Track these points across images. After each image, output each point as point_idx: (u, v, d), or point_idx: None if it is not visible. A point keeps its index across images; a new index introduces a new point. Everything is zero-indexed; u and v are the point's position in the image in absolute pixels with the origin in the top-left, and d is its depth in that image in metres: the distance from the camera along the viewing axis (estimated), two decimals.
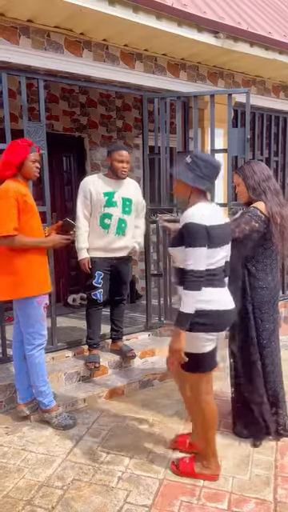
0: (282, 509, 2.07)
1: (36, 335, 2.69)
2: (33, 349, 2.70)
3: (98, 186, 3.31)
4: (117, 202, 3.33)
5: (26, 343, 2.72)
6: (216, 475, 2.27)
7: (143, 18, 3.17)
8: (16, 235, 2.51)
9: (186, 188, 2.13)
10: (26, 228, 2.57)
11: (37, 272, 2.65)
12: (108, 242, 3.32)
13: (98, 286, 3.34)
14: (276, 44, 3.91)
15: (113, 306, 3.64)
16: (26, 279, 2.60)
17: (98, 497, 2.16)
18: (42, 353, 2.76)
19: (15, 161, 2.58)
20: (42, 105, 3.35)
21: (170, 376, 3.53)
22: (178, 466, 2.32)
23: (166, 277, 4.14)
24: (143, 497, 2.16)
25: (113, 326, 3.66)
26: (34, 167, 2.67)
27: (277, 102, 4.80)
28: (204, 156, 2.18)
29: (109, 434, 2.74)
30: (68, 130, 5.13)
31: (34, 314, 2.66)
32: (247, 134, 3.80)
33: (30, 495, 2.18)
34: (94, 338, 3.47)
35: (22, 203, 2.54)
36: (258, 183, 2.55)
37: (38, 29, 3.15)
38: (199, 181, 2.09)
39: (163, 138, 3.89)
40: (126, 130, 5.67)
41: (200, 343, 2.09)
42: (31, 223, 2.61)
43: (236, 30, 3.62)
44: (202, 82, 4.15)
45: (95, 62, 3.47)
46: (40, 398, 2.79)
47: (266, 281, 2.56)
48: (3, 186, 2.57)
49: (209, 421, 2.24)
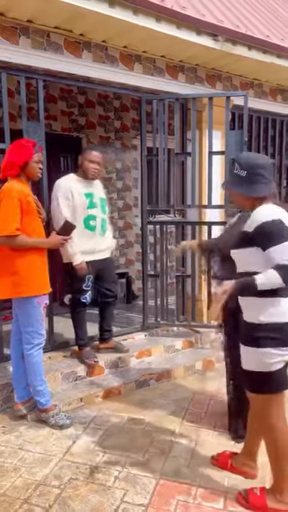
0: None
1: (35, 334, 2.70)
2: (31, 348, 2.71)
3: (79, 187, 3.28)
4: (96, 203, 3.35)
5: (24, 342, 2.73)
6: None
7: (143, 19, 3.19)
8: (18, 235, 2.53)
9: (249, 199, 1.97)
10: (28, 228, 2.59)
11: (37, 272, 2.66)
12: (95, 243, 3.34)
13: (87, 290, 3.36)
14: (274, 47, 3.94)
15: (104, 307, 3.62)
16: (27, 279, 2.61)
17: (95, 496, 2.17)
18: (41, 352, 2.77)
19: (19, 161, 2.60)
20: (41, 105, 3.36)
21: (167, 376, 3.56)
22: (247, 498, 2.08)
23: (162, 277, 4.15)
24: (140, 496, 2.17)
25: (105, 327, 3.67)
26: (37, 168, 2.69)
27: (274, 105, 4.84)
28: (255, 161, 1.95)
29: (105, 434, 2.75)
30: (66, 130, 5.14)
31: (33, 313, 2.67)
32: (245, 137, 3.83)
33: (27, 494, 2.18)
34: (85, 338, 3.51)
35: (25, 204, 2.56)
36: None
37: (37, 29, 3.16)
38: (264, 188, 1.92)
39: (161, 139, 3.91)
40: (124, 130, 5.68)
41: (269, 360, 1.88)
42: (33, 224, 2.63)
43: (234, 33, 3.64)
44: (200, 84, 4.17)
45: (94, 62, 3.48)
46: (37, 398, 2.79)
47: None
48: (7, 186, 2.58)
49: (281, 448, 1.99)
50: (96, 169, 3.31)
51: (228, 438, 2.69)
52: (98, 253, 3.38)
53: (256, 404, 2.04)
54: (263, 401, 1.99)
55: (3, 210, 2.53)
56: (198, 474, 2.34)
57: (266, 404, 1.98)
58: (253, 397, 2.03)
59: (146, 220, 4.06)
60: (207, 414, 3.00)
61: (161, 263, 4.14)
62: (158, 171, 3.98)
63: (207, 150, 3.90)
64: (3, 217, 2.52)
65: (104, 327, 3.67)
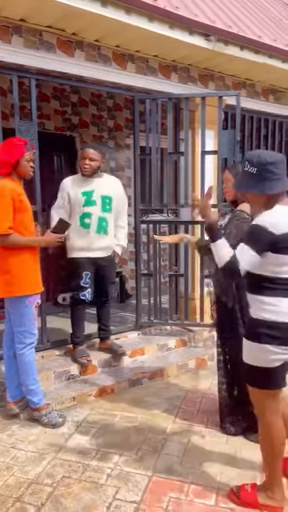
0: None
1: (27, 334, 2.71)
2: (23, 347, 2.71)
3: (76, 186, 3.37)
4: (96, 200, 3.36)
5: (16, 342, 2.72)
6: (281, 508, 2.03)
7: (135, 19, 3.19)
8: (10, 234, 2.53)
9: (262, 197, 1.91)
10: (20, 227, 2.59)
11: (29, 271, 2.66)
12: (90, 241, 3.35)
13: (85, 286, 3.37)
14: (266, 48, 3.96)
15: (99, 306, 3.67)
16: (19, 278, 2.61)
17: (88, 493, 2.18)
18: (33, 352, 2.77)
19: (11, 160, 2.60)
20: (34, 104, 3.36)
21: (160, 375, 3.58)
22: (238, 495, 2.11)
23: (155, 276, 4.17)
24: (132, 493, 2.19)
25: (101, 326, 3.69)
26: (28, 166, 2.69)
27: (266, 105, 4.86)
28: (264, 157, 1.87)
29: (98, 432, 2.76)
30: (59, 129, 5.14)
31: (25, 313, 2.67)
32: (237, 136, 3.85)
33: (20, 492, 2.19)
34: (80, 336, 3.52)
35: (17, 202, 2.56)
36: None
37: (30, 28, 3.16)
38: (276, 185, 1.86)
39: (154, 138, 3.92)
40: (117, 129, 5.69)
41: (268, 356, 1.89)
42: (26, 222, 2.63)
43: (227, 33, 3.66)
44: (192, 84, 4.19)
45: (87, 62, 3.49)
46: (29, 397, 2.79)
47: None
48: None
49: (275, 446, 2.00)
50: (87, 164, 3.32)
51: (219, 436, 2.70)
52: (94, 251, 3.39)
53: (253, 398, 2.06)
54: (260, 395, 2.00)
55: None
56: (190, 471, 2.36)
57: (262, 398, 2.00)
58: (251, 390, 2.05)
59: (139, 219, 4.07)
60: (199, 412, 3.02)
61: (154, 262, 4.15)
62: (151, 170, 3.99)
63: (200, 149, 3.92)
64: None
65: (100, 326, 3.69)
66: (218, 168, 3.96)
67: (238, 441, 2.65)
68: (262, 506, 2.05)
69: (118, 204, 3.53)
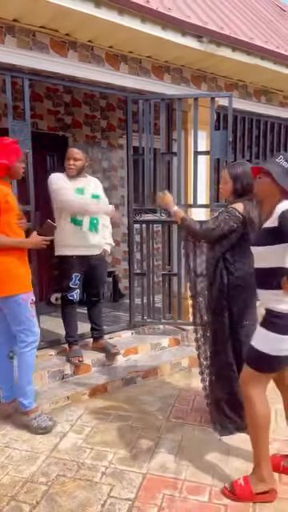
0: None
1: (28, 332, 2.67)
2: (26, 346, 2.68)
3: (69, 183, 3.36)
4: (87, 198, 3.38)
5: (18, 341, 2.68)
6: (273, 490, 2.11)
7: (128, 20, 3.21)
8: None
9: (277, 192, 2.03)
10: (5, 228, 2.56)
11: (17, 271, 2.62)
12: (82, 238, 3.36)
13: (74, 287, 3.38)
14: (258, 49, 4.00)
15: (90, 306, 3.68)
16: (7, 277, 2.58)
17: (83, 492, 2.20)
18: (34, 353, 2.73)
19: (9, 163, 2.57)
20: (27, 104, 3.36)
21: (153, 374, 3.60)
22: (233, 491, 2.14)
23: (149, 276, 4.19)
24: (126, 491, 2.21)
25: (93, 326, 3.71)
26: (21, 167, 2.69)
27: (258, 106, 4.91)
28: None
29: (92, 431, 2.78)
30: (52, 129, 5.14)
31: (21, 310, 2.64)
32: (229, 137, 3.88)
33: (15, 491, 2.20)
34: (74, 335, 3.53)
35: (3, 203, 2.52)
36: (244, 190, 2.60)
37: (23, 28, 3.16)
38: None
39: (147, 138, 3.94)
40: (110, 130, 5.70)
41: (282, 346, 1.98)
42: (10, 223, 2.59)
43: (219, 34, 3.69)
44: (185, 85, 4.22)
45: (80, 62, 3.50)
46: (21, 399, 2.74)
47: (244, 279, 2.61)
48: None
49: (259, 422, 2.10)
50: (72, 165, 3.35)
51: (212, 433, 2.73)
52: (87, 248, 3.40)
53: (247, 376, 2.13)
54: (256, 376, 2.10)
55: None
56: (183, 469, 2.38)
57: (256, 378, 2.10)
58: (248, 370, 2.12)
59: (132, 219, 4.09)
60: (193, 410, 3.05)
61: (147, 262, 4.17)
62: (144, 170, 4.01)
63: (192, 149, 3.95)
64: None
65: (93, 326, 3.70)
66: (210, 168, 3.99)
67: (230, 438, 2.67)
68: (258, 496, 2.10)
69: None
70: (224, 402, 2.67)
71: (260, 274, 2.11)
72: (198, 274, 2.85)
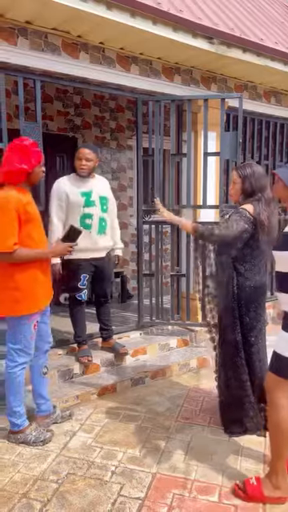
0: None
1: (21, 353, 2.51)
2: (15, 366, 2.51)
3: (74, 187, 3.34)
4: (95, 201, 3.38)
5: (8, 359, 2.52)
6: (286, 497, 2.09)
7: (140, 22, 3.23)
8: (16, 250, 2.34)
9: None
10: (27, 240, 2.39)
11: (39, 287, 2.48)
12: (92, 241, 3.36)
13: (82, 288, 3.41)
14: (268, 51, 4.00)
15: (99, 306, 3.69)
16: (25, 296, 2.43)
17: (93, 490, 2.21)
18: (24, 372, 2.56)
19: (29, 169, 2.40)
20: (39, 105, 3.39)
21: (162, 374, 3.61)
22: (244, 489, 2.14)
23: (157, 277, 4.20)
24: (136, 490, 2.22)
25: (102, 326, 3.72)
26: (41, 172, 2.51)
27: (267, 107, 4.91)
28: None
29: (102, 430, 2.79)
30: (62, 130, 5.17)
31: (22, 330, 2.48)
32: (239, 138, 3.89)
33: (26, 489, 2.22)
34: (82, 335, 3.55)
35: (23, 214, 2.35)
36: (253, 190, 2.60)
37: (35, 30, 3.19)
38: None
39: (157, 140, 3.95)
40: (119, 131, 5.73)
41: None
42: (33, 234, 2.43)
43: (230, 36, 3.70)
44: (195, 86, 4.23)
45: (91, 64, 3.52)
46: (13, 419, 2.58)
47: (254, 280, 2.62)
48: (3, 195, 2.35)
49: (283, 430, 2.07)
50: (83, 165, 3.34)
51: (222, 434, 2.73)
52: (94, 251, 3.41)
53: (272, 384, 2.11)
54: (280, 383, 2.06)
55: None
56: (193, 469, 2.39)
57: (281, 386, 2.06)
58: (272, 377, 2.10)
59: (141, 220, 4.10)
60: (201, 411, 3.05)
61: (156, 263, 4.19)
62: (154, 172, 4.02)
63: (202, 151, 3.96)
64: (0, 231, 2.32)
65: (101, 326, 3.72)
66: (219, 169, 4.00)
67: (241, 438, 2.68)
68: (268, 498, 2.10)
69: (112, 205, 3.58)
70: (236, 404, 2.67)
71: (279, 277, 2.09)
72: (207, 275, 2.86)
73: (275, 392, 2.09)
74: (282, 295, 2.07)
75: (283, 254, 2.04)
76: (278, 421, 2.08)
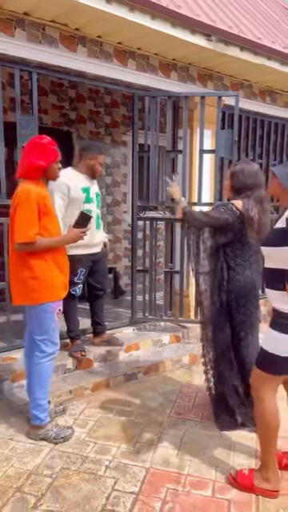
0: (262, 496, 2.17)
1: (49, 343, 2.55)
2: (44, 357, 2.55)
3: (76, 182, 3.34)
4: (93, 198, 3.43)
5: (36, 350, 2.54)
6: (276, 491, 2.14)
7: (138, 17, 3.21)
8: (36, 240, 2.41)
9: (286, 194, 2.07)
10: (43, 232, 2.45)
11: (56, 275, 2.53)
12: (91, 237, 3.33)
13: (78, 282, 3.40)
14: (265, 50, 4.02)
15: (94, 300, 3.69)
16: (46, 284, 2.47)
17: (87, 484, 2.22)
18: (51, 363, 2.62)
19: (46, 165, 2.48)
20: (35, 98, 3.35)
21: (155, 370, 3.62)
22: (235, 478, 2.23)
23: (151, 273, 4.20)
24: (130, 484, 2.23)
25: (96, 320, 3.73)
26: (57, 169, 2.58)
27: (263, 106, 4.93)
28: None
29: (95, 425, 2.79)
30: (57, 123, 5.13)
31: (46, 319, 2.52)
32: (235, 136, 3.90)
33: (20, 483, 2.21)
34: (75, 330, 3.55)
35: (42, 207, 2.43)
36: (242, 187, 2.63)
37: (33, 22, 3.16)
38: None
39: (153, 136, 3.94)
40: (114, 126, 5.70)
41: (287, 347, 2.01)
42: (49, 226, 2.49)
43: (228, 34, 3.70)
44: (191, 83, 4.22)
45: (89, 57, 3.50)
46: (36, 412, 2.57)
47: (244, 275, 2.65)
48: (24, 189, 2.43)
49: (269, 424, 2.12)
50: (100, 170, 3.49)
51: (214, 429, 2.76)
52: (93, 247, 3.43)
53: (257, 379, 2.16)
54: (265, 378, 2.10)
55: (21, 215, 2.39)
56: (186, 464, 2.41)
57: (266, 380, 2.10)
58: (257, 372, 2.14)
59: (136, 216, 4.10)
60: (194, 407, 3.08)
61: (150, 259, 4.19)
62: (149, 168, 4.01)
63: (198, 148, 3.96)
64: (22, 222, 2.39)
65: (96, 321, 3.72)
66: (214, 167, 4.01)
67: (232, 434, 2.71)
68: (257, 489, 2.15)
69: (101, 201, 3.66)
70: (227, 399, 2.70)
71: (268, 273, 2.13)
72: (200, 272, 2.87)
73: (261, 387, 2.13)
74: (270, 291, 2.10)
75: (272, 249, 2.06)
76: (264, 416, 2.13)
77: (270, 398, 2.12)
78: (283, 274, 1.98)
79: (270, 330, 2.08)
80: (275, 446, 2.16)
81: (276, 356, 2.02)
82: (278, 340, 2.02)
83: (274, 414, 2.12)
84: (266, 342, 2.10)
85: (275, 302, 2.07)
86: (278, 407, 2.14)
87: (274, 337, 2.04)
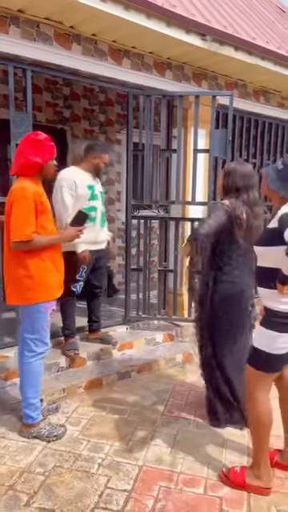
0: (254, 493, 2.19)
1: (39, 342, 2.53)
2: (33, 356, 2.53)
3: (83, 179, 3.38)
4: (97, 195, 3.46)
5: (26, 350, 2.53)
6: (268, 488, 2.16)
7: (133, 15, 3.21)
8: (34, 239, 2.38)
9: (275, 195, 2.11)
10: (40, 230, 2.43)
11: (52, 274, 2.51)
12: (96, 234, 3.43)
13: (80, 279, 3.40)
14: (259, 50, 4.03)
15: (91, 298, 3.71)
16: (38, 284, 2.44)
17: (80, 482, 2.22)
18: (42, 362, 2.60)
19: (42, 162, 2.44)
20: (29, 95, 3.34)
21: (148, 368, 3.63)
22: (227, 475, 2.24)
23: (145, 271, 4.21)
24: (123, 482, 2.24)
25: (92, 317, 3.75)
26: (54, 166, 2.56)
27: (256, 106, 4.95)
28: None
29: (89, 423, 2.80)
30: (51, 121, 5.11)
31: (39, 319, 2.50)
32: (229, 136, 3.91)
33: (12, 481, 2.21)
34: (72, 328, 3.55)
35: (39, 204, 2.40)
36: (232, 187, 2.62)
37: (28, 19, 3.14)
38: None
39: (147, 135, 3.95)
40: (108, 124, 5.69)
41: (277, 344, 2.03)
42: (45, 224, 2.47)
43: (222, 33, 3.71)
44: (186, 82, 4.23)
45: (83, 55, 3.49)
46: (27, 411, 2.57)
47: (232, 275, 2.63)
48: (20, 186, 2.40)
49: (262, 422, 2.14)
50: (103, 168, 3.54)
51: (207, 428, 2.77)
52: (96, 244, 3.47)
53: (250, 377, 2.17)
54: (258, 376, 2.13)
55: (18, 212, 2.36)
56: (179, 462, 2.42)
57: (258, 378, 2.13)
58: (249, 370, 2.16)
59: (130, 214, 4.10)
60: (187, 405, 3.09)
61: (144, 257, 4.20)
62: (144, 167, 4.02)
63: (192, 147, 3.97)
64: (18, 220, 2.35)
65: (92, 318, 3.74)
66: (208, 166, 4.02)
67: (225, 432, 2.73)
68: (249, 486, 2.16)
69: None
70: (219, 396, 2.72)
71: (259, 272, 2.15)
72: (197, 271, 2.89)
73: (253, 385, 2.15)
74: (261, 290, 2.12)
75: (264, 249, 2.08)
76: (256, 414, 2.15)
77: (262, 396, 2.14)
78: (274, 273, 1.99)
79: (261, 329, 2.10)
80: (267, 443, 2.18)
81: (268, 354, 2.05)
82: (269, 338, 2.04)
83: (267, 412, 2.14)
84: (258, 340, 2.13)
85: (266, 301, 2.09)
86: (270, 405, 2.16)
87: (265, 335, 2.06)
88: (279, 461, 2.36)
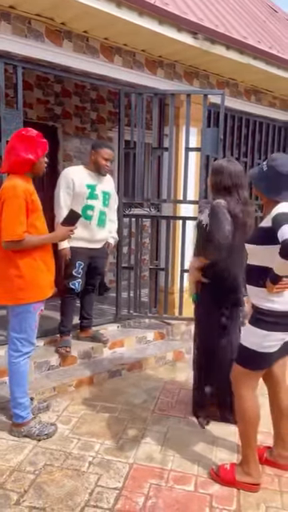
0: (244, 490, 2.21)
1: (26, 342, 2.51)
2: (19, 356, 2.51)
3: (82, 178, 3.42)
4: (98, 195, 3.47)
5: (12, 349, 2.51)
6: (257, 484, 2.17)
7: (126, 13, 3.21)
8: (25, 238, 2.35)
9: (262, 195, 2.12)
10: (30, 229, 2.40)
11: (43, 274, 2.48)
12: (90, 232, 3.44)
13: (77, 276, 3.40)
14: (251, 49, 4.05)
15: (83, 295, 3.72)
16: (29, 284, 2.42)
17: (70, 481, 2.22)
18: (28, 362, 2.58)
19: (34, 159, 2.40)
20: (20, 92, 3.31)
21: (139, 367, 3.64)
22: (217, 473, 2.24)
23: (136, 270, 4.21)
24: (114, 480, 2.24)
25: (84, 315, 3.75)
26: (44, 163, 2.52)
27: (248, 105, 4.97)
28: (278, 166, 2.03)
29: (79, 422, 2.79)
30: (42, 118, 5.08)
31: (27, 319, 2.48)
32: (221, 135, 3.92)
33: (2, 480, 2.20)
34: (68, 326, 3.57)
35: (30, 203, 2.37)
36: (221, 186, 2.59)
37: (19, 15, 3.12)
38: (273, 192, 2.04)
39: (139, 133, 3.94)
40: (100, 122, 5.67)
41: (265, 343, 2.04)
42: (36, 223, 2.44)
43: (214, 32, 3.72)
44: (178, 81, 4.23)
45: (75, 52, 3.47)
46: (17, 411, 2.55)
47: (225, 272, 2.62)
48: (11, 184, 2.36)
49: (249, 419, 2.15)
50: (107, 166, 3.48)
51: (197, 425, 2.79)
52: (93, 242, 3.49)
53: (237, 375, 2.19)
54: (245, 373, 2.15)
55: (8, 211, 2.32)
56: (169, 459, 2.43)
57: (245, 376, 2.15)
58: (237, 368, 2.18)
59: (121, 213, 4.09)
60: (177, 403, 3.10)
61: (135, 256, 4.20)
62: (136, 165, 4.01)
63: (184, 145, 3.98)
64: (9, 219, 2.31)
65: (84, 315, 3.75)
66: (200, 165, 4.02)
67: (214, 429, 2.74)
68: (239, 483, 2.18)
69: (113, 200, 3.68)
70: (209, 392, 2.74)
71: (249, 270, 2.16)
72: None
73: (241, 383, 2.17)
74: (250, 288, 2.13)
75: (256, 247, 2.10)
76: (244, 411, 2.17)
77: (250, 393, 2.16)
78: (264, 272, 2.01)
79: (248, 326, 2.11)
80: (256, 440, 2.20)
81: (255, 352, 2.06)
82: (257, 336, 2.05)
83: (254, 409, 2.16)
84: (245, 337, 2.14)
85: (255, 299, 2.11)
86: (258, 403, 2.18)
87: (252, 333, 2.08)
88: (269, 458, 2.38)
